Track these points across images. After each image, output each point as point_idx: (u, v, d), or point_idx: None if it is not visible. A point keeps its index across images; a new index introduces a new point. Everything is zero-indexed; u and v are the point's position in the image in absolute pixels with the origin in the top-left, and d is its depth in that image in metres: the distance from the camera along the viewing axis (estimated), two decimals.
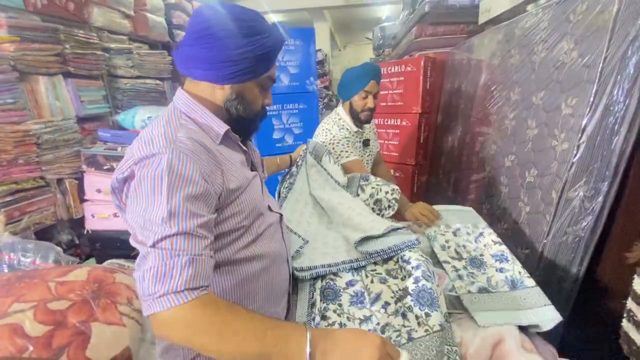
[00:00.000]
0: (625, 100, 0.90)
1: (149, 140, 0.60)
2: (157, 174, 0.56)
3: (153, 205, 0.55)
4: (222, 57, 0.63)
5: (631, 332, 0.82)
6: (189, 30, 0.65)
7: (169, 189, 0.55)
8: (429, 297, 0.75)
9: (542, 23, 1.20)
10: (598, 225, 1.01)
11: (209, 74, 0.65)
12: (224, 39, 0.62)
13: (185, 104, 0.68)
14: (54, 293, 0.90)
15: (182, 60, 0.67)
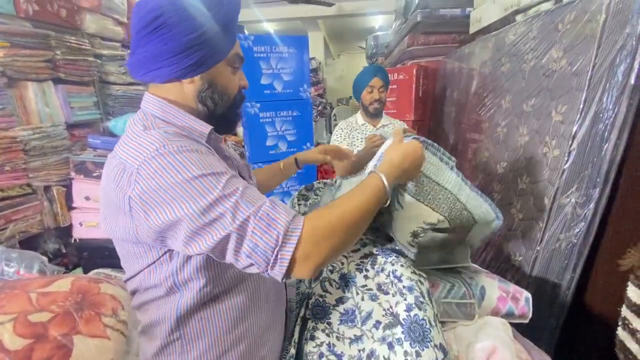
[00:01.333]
0: (614, 108, 0.91)
1: (136, 149, 0.54)
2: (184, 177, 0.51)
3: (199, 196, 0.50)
4: (182, 45, 0.55)
5: (626, 340, 0.81)
6: (136, 29, 0.56)
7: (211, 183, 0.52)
8: (421, 331, 0.69)
9: (531, 32, 1.22)
10: (590, 232, 1.01)
11: (172, 69, 0.57)
12: (178, 25, 0.54)
13: (158, 108, 0.60)
14: (35, 304, 0.87)
15: (139, 66, 0.59)
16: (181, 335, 0.62)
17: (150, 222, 0.52)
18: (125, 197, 0.53)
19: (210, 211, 0.51)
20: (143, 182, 0.51)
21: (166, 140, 0.53)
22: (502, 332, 0.76)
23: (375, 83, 1.63)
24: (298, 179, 2.62)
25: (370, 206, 0.61)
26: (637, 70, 0.88)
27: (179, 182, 0.51)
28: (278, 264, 0.51)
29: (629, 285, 0.79)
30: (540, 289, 1.08)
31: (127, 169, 0.53)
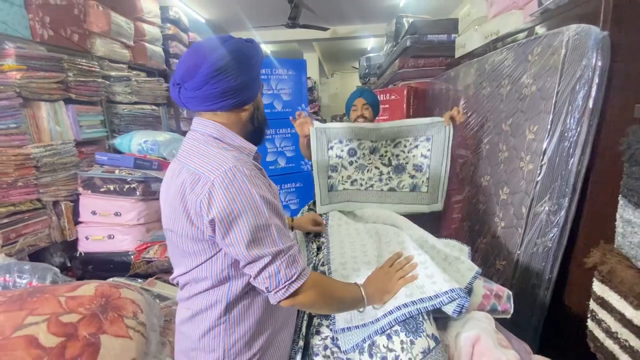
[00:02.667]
0: (577, 128, 1.05)
1: (211, 164, 0.68)
2: (248, 196, 0.66)
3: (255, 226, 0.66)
4: (244, 82, 0.71)
5: (595, 330, 0.92)
6: (207, 71, 0.68)
7: (265, 207, 0.67)
8: (415, 324, 0.80)
9: (507, 60, 1.38)
10: (563, 236, 1.13)
11: (237, 100, 0.73)
12: (239, 68, 0.70)
13: (217, 131, 0.74)
14: (65, 307, 0.95)
15: (204, 100, 0.71)
16: (227, 319, 0.74)
17: (221, 223, 0.66)
18: (198, 201, 0.65)
19: (265, 231, 0.67)
20: (217, 192, 0.64)
21: (237, 162, 0.68)
22: (486, 324, 0.87)
23: (358, 102, 1.72)
24: (296, 192, 2.73)
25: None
26: (594, 95, 1.03)
27: (247, 199, 0.65)
28: (282, 291, 0.69)
29: (594, 280, 0.91)
30: (522, 290, 1.19)
31: (203, 179, 0.66)
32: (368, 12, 4.45)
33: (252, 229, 0.65)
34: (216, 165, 0.66)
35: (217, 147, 0.72)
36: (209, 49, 0.70)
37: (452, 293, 0.78)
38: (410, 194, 1.52)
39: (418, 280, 0.86)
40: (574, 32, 1.03)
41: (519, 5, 1.70)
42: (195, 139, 0.75)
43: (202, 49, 0.71)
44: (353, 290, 0.84)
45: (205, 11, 4.06)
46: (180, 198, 0.68)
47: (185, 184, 0.68)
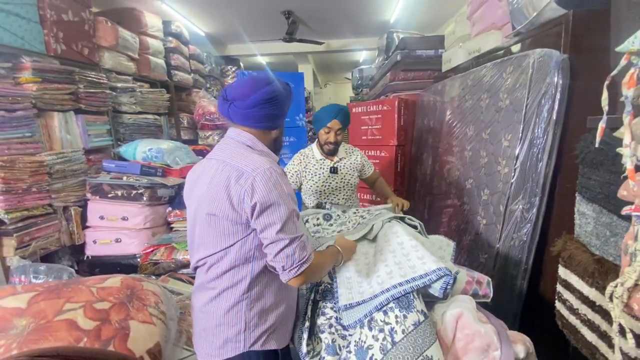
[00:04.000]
0: (543, 136, 1.22)
1: (252, 164, 0.86)
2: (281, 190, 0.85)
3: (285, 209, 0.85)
4: (279, 113, 0.95)
5: (561, 309, 1.07)
6: (259, 98, 0.90)
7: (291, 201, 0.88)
8: (407, 301, 0.94)
9: (485, 77, 1.56)
10: (536, 231, 1.29)
11: (272, 123, 0.96)
12: (280, 102, 0.93)
13: (250, 140, 0.95)
14: (97, 296, 1.06)
15: (248, 118, 0.93)
16: (249, 295, 0.90)
17: (259, 208, 0.84)
18: (242, 191, 0.84)
19: (289, 220, 0.85)
20: (258, 184, 0.83)
21: (272, 164, 0.88)
22: (468, 304, 1.01)
23: (333, 125, 1.67)
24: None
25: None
26: (557, 109, 1.20)
27: (280, 192, 0.84)
28: (295, 270, 0.86)
29: (559, 266, 1.06)
30: (502, 279, 1.34)
31: (246, 174, 0.85)
32: (360, 27, 4.68)
33: (282, 215, 0.84)
34: (256, 165, 0.85)
35: (252, 152, 0.92)
36: (263, 82, 0.91)
37: (439, 271, 0.93)
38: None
39: (410, 261, 1.00)
40: (538, 55, 1.21)
41: (498, 26, 1.90)
42: (233, 144, 0.95)
43: (258, 80, 0.92)
44: (334, 251, 1.07)
45: (205, 25, 4.23)
46: (225, 188, 0.85)
47: (230, 177, 0.86)
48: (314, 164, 1.80)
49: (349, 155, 1.86)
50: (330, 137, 1.69)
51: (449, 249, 1.25)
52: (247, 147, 0.94)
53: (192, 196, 0.96)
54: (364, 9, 3.95)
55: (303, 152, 1.85)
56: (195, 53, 4.18)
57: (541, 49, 1.21)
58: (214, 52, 4.97)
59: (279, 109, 0.94)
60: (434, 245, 1.25)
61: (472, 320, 0.94)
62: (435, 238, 1.26)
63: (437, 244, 1.22)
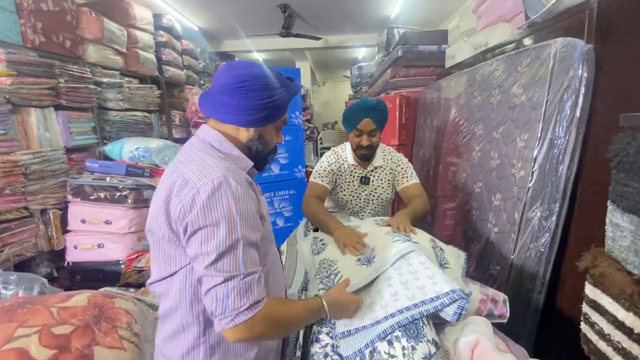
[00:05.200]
0: (565, 136, 1.09)
1: (201, 172, 0.68)
2: (227, 210, 0.64)
3: (225, 234, 0.64)
4: (252, 106, 0.73)
5: (588, 333, 0.94)
6: (222, 81, 0.73)
7: (241, 225, 0.65)
8: (415, 329, 0.79)
9: (497, 71, 1.43)
10: (555, 241, 1.16)
11: (239, 119, 0.75)
12: (254, 92, 0.72)
13: (216, 140, 0.76)
14: (57, 318, 0.92)
15: (212, 105, 0.76)
16: (207, 339, 0.71)
17: (191, 229, 0.65)
18: (180, 206, 0.65)
19: (230, 252, 0.64)
20: (199, 199, 0.64)
21: (227, 173, 0.67)
22: (484, 328, 0.88)
23: (365, 126, 1.35)
24: (290, 200, 2.73)
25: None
26: (581, 105, 1.07)
27: (225, 212, 0.64)
28: (227, 320, 0.63)
29: (586, 284, 0.93)
30: (517, 294, 1.21)
31: (190, 184, 0.67)
32: (359, 22, 4.54)
33: (219, 243, 0.63)
34: (206, 174, 0.67)
35: (213, 156, 0.72)
36: (239, 65, 0.75)
37: (453, 294, 0.79)
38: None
39: (418, 281, 0.86)
40: (560, 45, 1.08)
41: (507, 18, 1.77)
42: (193, 146, 0.76)
43: (237, 64, 0.76)
44: (314, 306, 0.81)
45: (198, 19, 4.08)
46: (165, 200, 0.68)
47: (173, 187, 0.68)
48: (345, 168, 1.49)
49: (387, 163, 1.50)
50: (362, 141, 1.37)
51: (460, 260, 1.12)
52: (212, 147, 0.76)
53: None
54: (363, 3, 3.82)
55: (337, 152, 1.53)
56: (189, 48, 4.03)
57: (563, 38, 1.08)
58: (209, 47, 4.82)
59: (251, 99, 0.72)
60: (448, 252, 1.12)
61: (490, 348, 0.81)
62: (446, 249, 1.13)
63: (447, 254, 1.09)
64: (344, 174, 1.49)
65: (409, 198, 1.45)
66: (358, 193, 1.51)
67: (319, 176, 1.45)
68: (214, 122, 0.78)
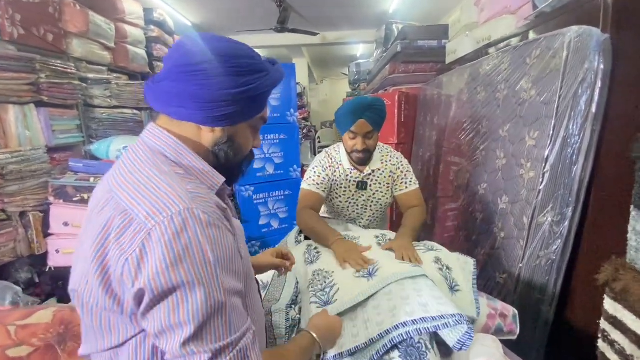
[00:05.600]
0: (580, 134, 1.00)
1: (152, 202, 0.46)
2: (200, 260, 0.45)
3: (203, 295, 0.44)
4: (215, 96, 0.52)
5: (607, 351, 0.85)
6: (172, 63, 0.54)
7: (223, 277, 0.47)
8: (417, 355, 0.70)
9: (502, 65, 1.34)
10: (567, 248, 1.07)
11: (196, 114, 0.54)
12: (218, 77, 0.52)
13: (171, 148, 0.55)
14: (14, 338, 0.82)
15: (160, 96, 0.55)
16: None
17: (150, 297, 0.44)
18: (123, 260, 0.45)
19: (216, 316, 0.45)
20: (154, 249, 0.44)
21: (193, 202, 0.47)
22: (494, 349, 0.79)
23: (360, 128, 1.21)
24: (285, 200, 2.63)
25: None
26: (597, 100, 0.98)
27: (198, 262, 0.45)
28: None
29: (605, 298, 0.84)
30: (525, 305, 1.12)
31: (135, 224, 0.45)
32: (357, 18, 4.44)
33: (196, 309, 0.44)
34: (160, 205, 0.46)
35: (166, 174, 0.50)
36: (200, 41, 0.54)
37: (460, 317, 0.70)
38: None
39: (421, 297, 0.77)
40: (575, 34, 0.98)
41: (511, 10, 1.67)
42: (136, 156, 0.54)
43: (192, 39, 0.55)
44: (305, 344, 0.68)
45: (191, 14, 3.97)
46: (99, 247, 0.46)
47: (110, 227, 0.47)
48: (340, 173, 1.35)
49: (386, 165, 1.36)
50: (357, 144, 1.23)
51: (468, 268, 1.02)
52: (165, 158, 0.54)
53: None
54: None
55: (330, 155, 1.38)
56: None
57: (578, 27, 0.99)
58: None
59: (213, 88, 0.52)
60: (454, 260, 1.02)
61: None
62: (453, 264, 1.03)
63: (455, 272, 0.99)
64: (339, 179, 1.35)
65: (406, 206, 1.34)
66: (355, 199, 1.39)
67: (313, 183, 1.32)
68: (166, 120, 0.57)
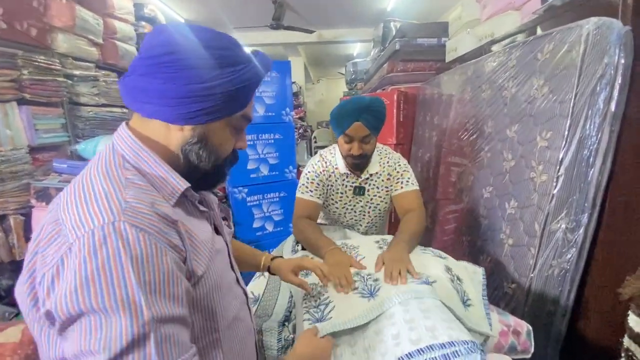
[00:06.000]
0: (597, 134, 0.93)
1: (80, 213, 0.42)
2: (119, 283, 0.39)
3: (122, 323, 0.38)
4: (183, 91, 0.48)
5: None
6: (141, 55, 0.50)
7: (149, 302, 0.40)
8: None
9: (510, 61, 1.26)
10: (581, 257, 1.00)
11: (163, 110, 0.49)
12: (186, 70, 0.47)
13: (130, 149, 0.50)
14: None
15: (129, 92, 0.51)
16: None
17: (63, 317, 0.39)
18: (41, 272, 0.41)
19: (129, 348, 0.39)
20: (68, 267, 0.39)
21: (125, 214, 0.42)
22: None
23: (356, 132, 1.11)
24: (280, 202, 2.55)
25: None
26: (617, 98, 0.91)
27: (113, 286, 0.39)
28: None
29: (629, 314, 0.77)
30: (536, 317, 1.05)
31: (61, 235, 0.42)
32: (354, 16, 4.36)
33: (110, 338, 0.38)
34: (85, 216, 0.42)
35: (110, 179, 0.46)
36: (170, 30, 0.50)
37: (474, 346, 0.62)
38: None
39: (428, 320, 0.69)
40: (594, 26, 0.91)
41: (516, 6, 1.60)
42: (97, 158, 0.51)
43: (161, 29, 0.50)
44: None
45: (183, 10, 3.87)
46: (31, 256, 0.45)
47: (41, 236, 0.44)
48: (336, 177, 1.27)
49: (384, 168, 1.27)
50: (353, 149, 1.13)
51: (477, 277, 0.95)
52: (125, 162, 0.50)
53: None
54: None
55: (325, 158, 1.29)
56: None
57: (597, 18, 0.92)
58: None
59: (181, 81, 0.47)
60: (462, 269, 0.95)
61: None
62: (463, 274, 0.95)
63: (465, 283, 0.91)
64: (335, 183, 1.27)
65: (402, 209, 1.24)
66: (352, 205, 1.30)
67: (306, 190, 1.24)
68: (136, 118, 0.53)
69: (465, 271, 0.95)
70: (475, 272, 0.96)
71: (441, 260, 0.95)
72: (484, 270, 0.97)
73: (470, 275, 0.95)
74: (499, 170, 1.28)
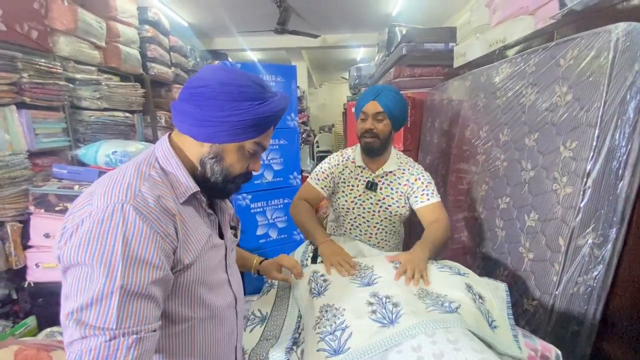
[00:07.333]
0: (627, 145, 0.88)
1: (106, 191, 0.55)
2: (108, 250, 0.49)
3: (99, 279, 0.48)
4: (205, 116, 0.61)
5: None
6: (186, 85, 0.64)
7: (124, 273, 0.49)
8: None
9: (528, 67, 1.22)
10: (609, 275, 0.95)
11: (193, 129, 0.64)
12: (211, 100, 0.61)
13: (163, 153, 0.65)
14: None
15: (175, 112, 0.66)
16: None
17: (64, 263, 0.52)
18: (64, 227, 0.54)
19: (96, 298, 0.48)
20: (83, 229, 0.50)
21: (134, 199, 0.53)
22: None
23: (369, 108, 1.21)
24: (284, 209, 2.49)
25: None
26: None
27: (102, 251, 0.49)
28: None
29: None
30: (560, 338, 0.99)
31: (89, 204, 0.53)
32: (359, 21, 4.34)
33: (85, 287, 0.48)
34: (108, 194, 0.54)
35: (137, 171, 0.59)
36: (210, 70, 0.64)
37: None
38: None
39: (459, 352, 0.63)
40: (623, 31, 0.86)
41: (529, 10, 1.56)
42: (141, 154, 0.66)
43: (206, 68, 0.66)
44: None
45: (187, 14, 3.84)
46: (68, 214, 0.56)
47: (79, 201, 0.56)
48: (351, 170, 1.33)
49: (403, 173, 1.30)
50: (366, 124, 1.22)
51: (500, 293, 0.90)
52: (155, 160, 0.64)
53: None
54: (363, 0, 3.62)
55: (344, 152, 1.39)
56: (177, 45, 3.78)
57: (627, 23, 0.87)
58: (200, 45, 4.57)
59: (206, 109, 0.61)
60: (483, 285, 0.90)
61: None
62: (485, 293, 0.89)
63: (487, 303, 0.86)
64: (348, 176, 1.33)
65: (427, 221, 1.25)
66: (362, 200, 1.31)
67: (315, 177, 1.35)
68: (176, 132, 0.69)
69: (487, 287, 0.90)
70: (498, 289, 0.91)
71: (461, 279, 0.89)
72: (507, 286, 0.91)
73: (492, 292, 0.89)
74: (517, 180, 1.23)
